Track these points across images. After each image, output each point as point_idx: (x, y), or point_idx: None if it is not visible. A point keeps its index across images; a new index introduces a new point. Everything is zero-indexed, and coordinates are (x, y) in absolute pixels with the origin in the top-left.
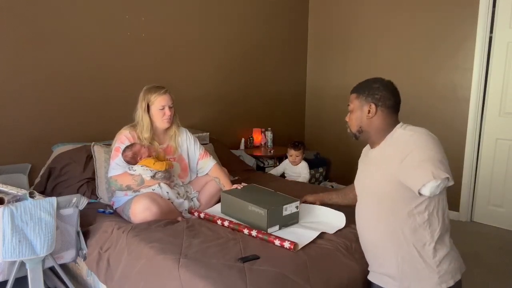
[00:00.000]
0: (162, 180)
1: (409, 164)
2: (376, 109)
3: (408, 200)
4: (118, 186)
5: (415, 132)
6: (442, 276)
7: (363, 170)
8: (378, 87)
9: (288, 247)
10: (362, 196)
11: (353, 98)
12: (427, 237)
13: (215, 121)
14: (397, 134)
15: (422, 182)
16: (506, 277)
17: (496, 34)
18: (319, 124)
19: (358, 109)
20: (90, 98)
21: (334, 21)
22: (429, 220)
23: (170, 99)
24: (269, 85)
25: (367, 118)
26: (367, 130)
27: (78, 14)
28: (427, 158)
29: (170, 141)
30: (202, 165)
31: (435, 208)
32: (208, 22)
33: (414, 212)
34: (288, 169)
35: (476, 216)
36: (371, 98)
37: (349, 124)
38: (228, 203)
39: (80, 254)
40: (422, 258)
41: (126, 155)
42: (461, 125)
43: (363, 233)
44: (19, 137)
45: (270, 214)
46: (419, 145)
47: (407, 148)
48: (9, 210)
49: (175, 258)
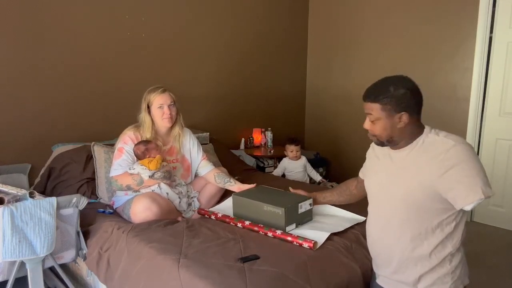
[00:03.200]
0: (162, 180)
1: (455, 178)
2: (409, 117)
3: (441, 212)
4: (119, 186)
5: (456, 143)
6: (455, 282)
7: (385, 173)
8: (404, 92)
9: (308, 246)
10: (379, 199)
11: (376, 108)
12: (449, 246)
13: (215, 121)
14: (431, 140)
15: (471, 200)
16: (506, 277)
17: (496, 34)
18: (319, 124)
19: (386, 119)
20: (90, 98)
21: (334, 21)
22: (454, 231)
23: (168, 98)
24: (269, 85)
25: (399, 127)
26: (399, 138)
27: (78, 14)
28: (475, 173)
29: (174, 142)
30: (201, 166)
31: (461, 218)
32: (208, 22)
33: (444, 223)
34: (289, 167)
35: (476, 216)
36: (401, 107)
37: (375, 133)
38: (240, 205)
39: (80, 254)
40: (440, 266)
41: (139, 147)
42: (461, 125)
43: (376, 238)
44: (19, 137)
45: (287, 212)
46: (464, 158)
47: (451, 160)
48: (9, 210)
49: (175, 258)
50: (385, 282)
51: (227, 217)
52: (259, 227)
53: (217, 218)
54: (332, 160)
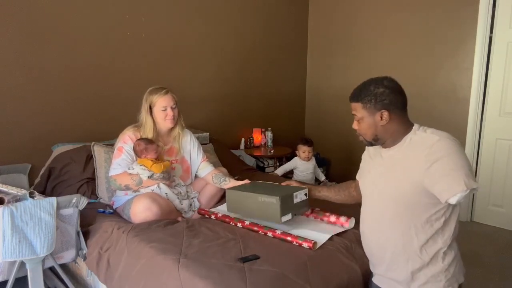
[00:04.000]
0: (161, 181)
1: (438, 172)
2: (389, 114)
3: (429, 206)
4: (117, 185)
5: (441, 137)
6: (449, 280)
7: (376, 171)
8: (383, 91)
9: (308, 246)
10: (372, 197)
11: (359, 108)
12: (439, 242)
13: (215, 121)
14: (418, 137)
15: (454, 192)
16: (506, 277)
17: (496, 34)
18: (319, 124)
19: (368, 118)
20: (90, 98)
21: (334, 21)
22: (444, 227)
23: (172, 100)
24: (269, 85)
25: (381, 125)
26: (384, 136)
27: (78, 14)
28: (458, 166)
29: (174, 143)
30: (201, 168)
31: (451, 214)
32: (208, 22)
33: (433, 218)
34: (302, 167)
35: (476, 216)
36: (380, 105)
37: (361, 133)
38: (234, 199)
39: (80, 254)
40: (432, 264)
41: (139, 144)
42: (461, 125)
43: (370, 236)
44: (19, 137)
45: (282, 201)
46: (448, 152)
47: (435, 155)
48: (9, 210)
49: (175, 258)
50: (380, 281)
51: (227, 217)
52: (259, 227)
53: (217, 218)
54: (332, 160)
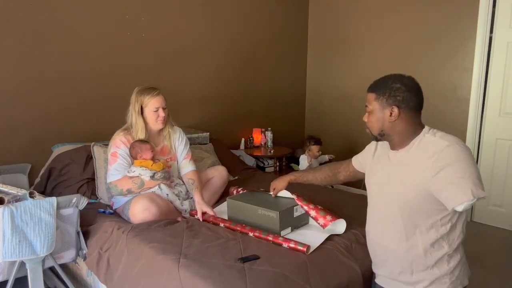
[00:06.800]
0: (162, 181)
1: (446, 179)
2: (399, 112)
3: (434, 212)
4: (118, 191)
5: (450, 143)
6: (453, 282)
7: (383, 173)
8: (399, 87)
9: (301, 250)
10: (377, 199)
11: (372, 99)
12: (445, 247)
13: (215, 121)
14: (427, 141)
15: (460, 200)
16: (506, 277)
17: (496, 34)
18: (319, 124)
19: (379, 111)
20: (90, 98)
21: (334, 21)
22: (450, 232)
23: (163, 100)
24: (269, 85)
25: (389, 122)
26: (390, 133)
27: (78, 15)
28: (467, 175)
29: (165, 141)
30: (182, 166)
31: (457, 220)
32: (208, 22)
33: (438, 224)
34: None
35: (476, 216)
36: (393, 100)
37: (368, 126)
38: (235, 208)
39: (80, 254)
40: (437, 267)
41: (135, 145)
42: (461, 125)
43: (374, 238)
44: (19, 137)
45: (282, 216)
46: (456, 159)
47: (442, 161)
48: (9, 210)
49: (175, 258)
50: (384, 282)
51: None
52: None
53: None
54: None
